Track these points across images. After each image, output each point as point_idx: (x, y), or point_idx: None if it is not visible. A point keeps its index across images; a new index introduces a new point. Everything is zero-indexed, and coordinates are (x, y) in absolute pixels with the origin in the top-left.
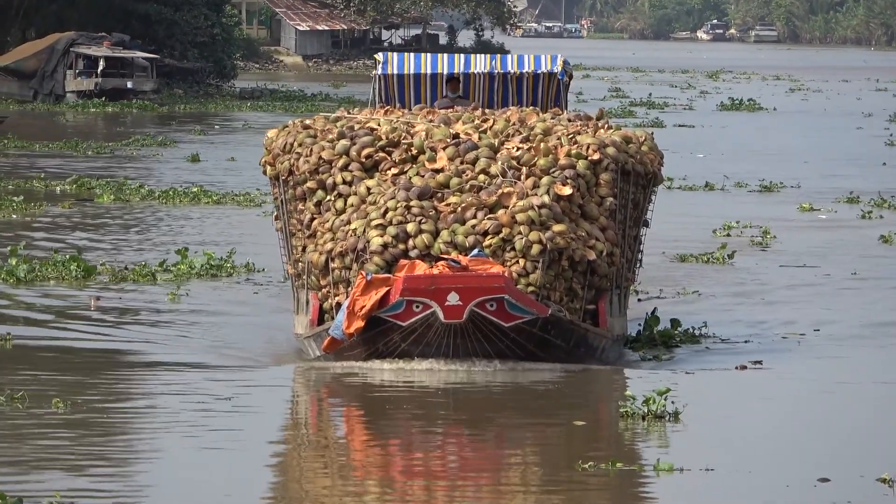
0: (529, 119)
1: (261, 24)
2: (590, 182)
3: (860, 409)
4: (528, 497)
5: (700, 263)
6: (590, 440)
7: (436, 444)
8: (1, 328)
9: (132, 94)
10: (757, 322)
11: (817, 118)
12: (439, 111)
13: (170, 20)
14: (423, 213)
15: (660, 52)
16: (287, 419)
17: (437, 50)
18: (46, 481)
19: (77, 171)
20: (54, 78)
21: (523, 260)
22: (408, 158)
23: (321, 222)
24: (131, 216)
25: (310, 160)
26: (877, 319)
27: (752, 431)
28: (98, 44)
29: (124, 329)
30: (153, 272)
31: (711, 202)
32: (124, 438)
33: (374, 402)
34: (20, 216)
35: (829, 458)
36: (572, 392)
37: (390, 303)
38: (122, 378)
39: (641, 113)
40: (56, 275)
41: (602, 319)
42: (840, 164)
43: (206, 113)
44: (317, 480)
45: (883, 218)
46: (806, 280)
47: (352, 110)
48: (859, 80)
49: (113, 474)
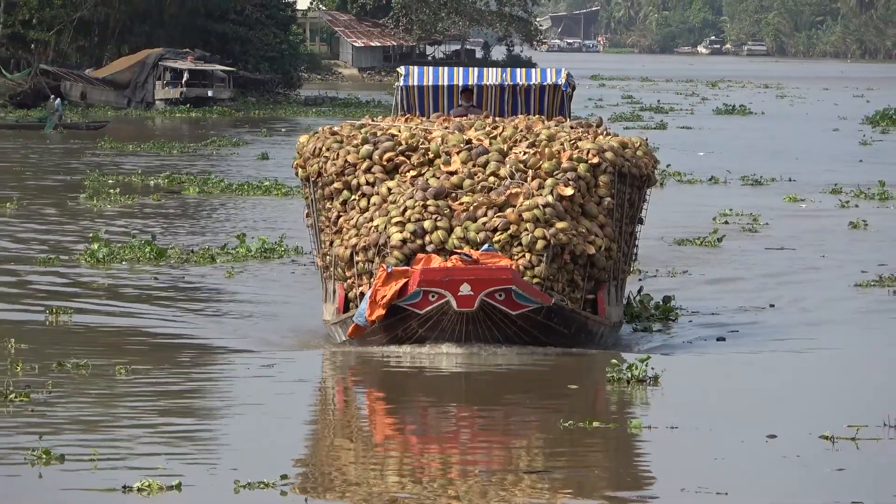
0: (535, 126)
1: (322, 41)
2: (590, 183)
3: (815, 374)
4: (514, 452)
5: (694, 246)
6: (578, 402)
7: (448, 419)
8: (69, 303)
9: (212, 101)
10: (736, 297)
11: (801, 121)
12: (454, 119)
13: (244, 38)
14: (438, 212)
15: (665, 65)
16: (316, 397)
17: (474, 63)
18: (102, 441)
19: (166, 168)
20: (145, 88)
21: (529, 254)
22: (425, 162)
23: (347, 219)
24: (209, 206)
25: (336, 163)
26: (837, 295)
27: (718, 395)
28: (183, 58)
29: (178, 307)
30: (213, 255)
31: (712, 194)
32: (172, 405)
33: (394, 382)
34: (116, 206)
35: (783, 417)
36: (571, 366)
37: (409, 293)
38: (178, 352)
39: (647, 117)
40: (131, 256)
41: (601, 308)
42: (823, 160)
43: (275, 118)
44: (342, 451)
45: (858, 207)
46: (781, 260)
47: (375, 118)
48: (837, 89)
49: (154, 439)
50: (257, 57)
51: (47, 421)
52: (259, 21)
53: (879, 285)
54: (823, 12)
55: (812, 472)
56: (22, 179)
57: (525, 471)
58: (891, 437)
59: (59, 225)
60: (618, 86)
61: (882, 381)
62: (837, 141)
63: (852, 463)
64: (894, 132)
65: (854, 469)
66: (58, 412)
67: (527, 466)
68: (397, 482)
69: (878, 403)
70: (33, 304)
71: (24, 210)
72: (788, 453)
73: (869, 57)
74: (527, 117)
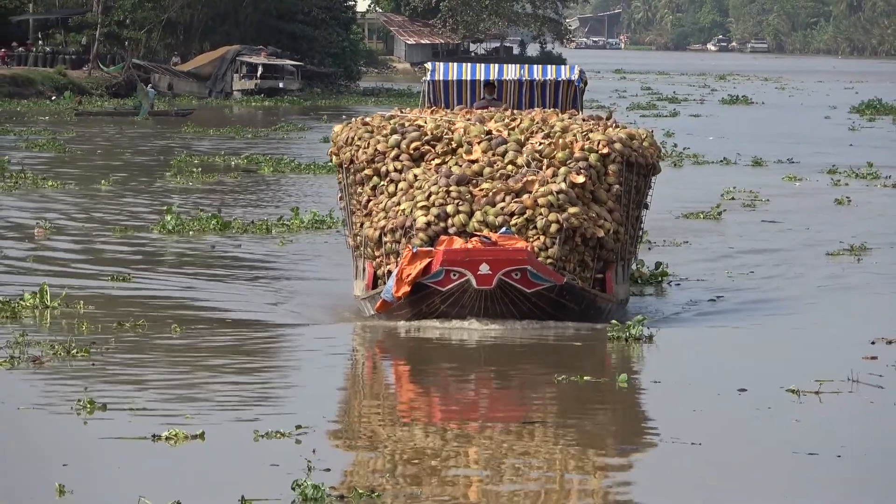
0: (550, 119)
1: (379, 39)
2: (600, 172)
3: (789, 333)
4: (513, 404)
5: (698, 220)
6: (577, 358)
7: (468, 386)
8: (135, 270)
9: (282, 92)
10: (725, 263)
11: (796, 110)
12: (476, 111)
13: (311, 36)
14: (460, 197)
15: (679, 60)
16: (347, 366)
17: (512, 59)
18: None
19: (242, 150)
20: (224, 80)
21: (543, 237)
22: (448, 151)
23: (376, 203)
24: (278, 184)
25: (367, 151)
26: (811, 262)
27: (702, 352)
28: (257, 54)
29: (228, 275)
30: (269, 226)
31: (723, 173)
32: (211, 365)
33: (418, 353)
34: (197, 183)
35: (756, 373)
36: (579, 337)
37: (432, 271)
38: (223, 318)
39: (661, 106)
40: (198, 227)
41: (609, 286)
42: (819, 144)
43: (338, 106)
44: (371, 414)
45: (848, 185)
46: (771, 232)
47: (403, 110)
48: (829, 82)
49: (191, 393)
50: (322, 53)
51: (100, 374)
52: (324, 21)
53: (850, 254)
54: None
55: (777, 423)
56: (117, 159)
57: (523, 421)
58: (850, 391)
59: (144, 199)
60: (637, 79)
61: (846, 339)
62: (829, 127)
63: (812, 415)
64: (881, 120)
65: (814, 420)
66: (110, 367)
67: (525, 417)
68: (405, 434)
69: (844, 359)
70: (104, 270)
71: (117, 186)
72: (762, 405)
73: (857, 53)
74: (542, 110)
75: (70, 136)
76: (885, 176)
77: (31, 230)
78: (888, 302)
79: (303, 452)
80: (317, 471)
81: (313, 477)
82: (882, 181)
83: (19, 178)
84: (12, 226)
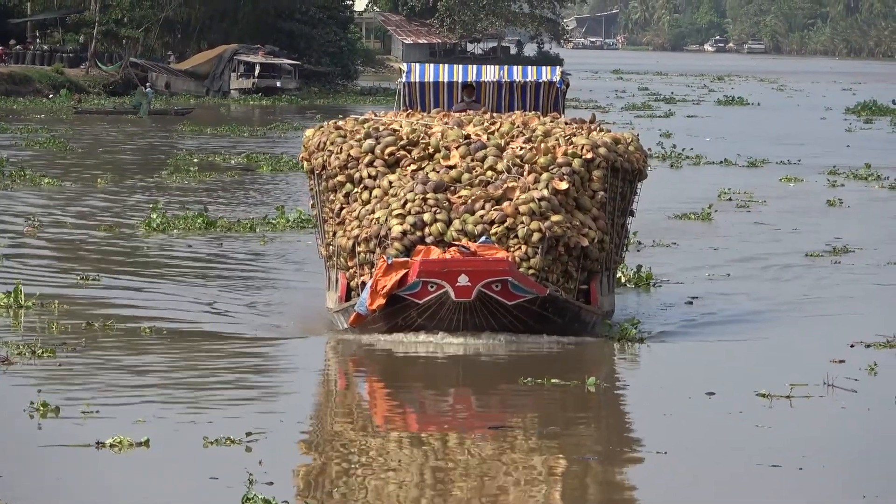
0: (531, 122)
1: (376, 39)
2: (584, 178)
3: (764, 336)
4: (482, 409)
5: (689, 221)
6: (553, 361)
7: (445, 401)
8: (115, 267)
9: (280, 91)
10: (708, 265)
11: (793, 111)
12: (454, 114)
13: (308, 35)
14: (437, 205)
15: (676, 61)
16: (320, 381)
17: (509, 59)
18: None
19: (241, 150)
20: (222, 79)
21: (525, 246)
22: (425, 156)
23: (349, 211)
24: (273, 182)
25: (340, 157)
26: (791, 262)
27: (675, 355)
28: (255, 53)
29: (208, 271)
30: (253, 224)
31: (722, 173)
32: (173, 372)
33: (393, 368)
34: (193, 181)
35: (730, 377)
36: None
37: (408, 283)
38: (194, 321)
39: (656, 106)
40: (183, 226)
41: (593, 298)
42: (817, 145)
43: (336, 106)
44: (345, 429)
45: (844, 186)
46: (759, 233)
47: (378, 113)
48: (826, 83)
49: (149, 397)
50: (320, 52)
51: (62, 376)
52: (321, 20)
53: (829, 255)
54: (814, 15)
55: (744, 429)
56: (116, 157)
57: (490, 426)
58: (821, 395)
59: (137, 197)
60: (635, 79)
61: (824, 342)
62: (826, 128)
63: (783, 420)
64: (878, 121)
65: (784, 426)
66: (74, 368)
67: (492, 422)
68: (360, 443)
69: (821, 363)
70: (83, 269)
71: (113, 185)
72: (734, 410)
73: (854, 55)
74: (523, 113)
75: (68, 133)
76: (884, 177)
77: (21, 228)
78: (865, 305)
79: (253, 459)
80: (259, 484)
81: (255, 489)
82: (880, 183)
83: (18, 175)
84: (3, 223)
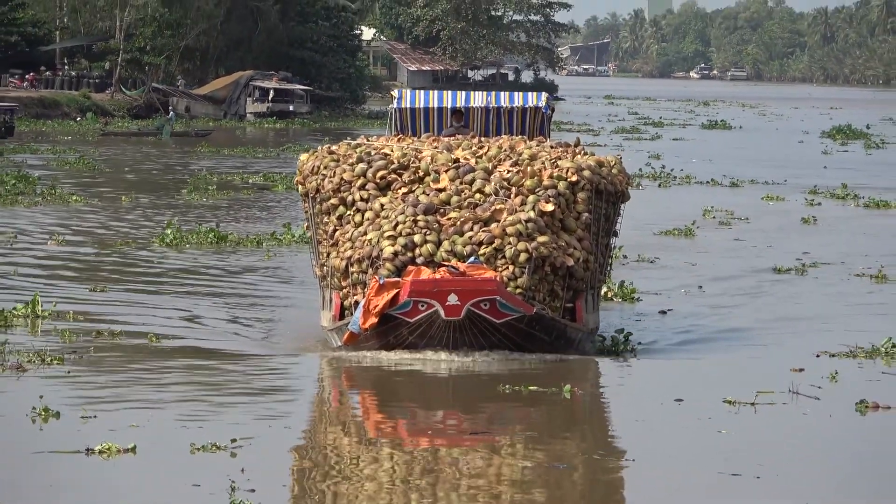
0: (518, 146)
1: (383, 66)
2: (569, 200)
3: (733, 346)
4: (454, 416)
5: (672, 237)
6: (536, 373)
7: (434, 417)
8: (126, 280)
9: (293, 114)
10: (684, 279)
11: (772, 134)
12: (443, 139)
13: (319, 63)
14: (427, 227)
15: (664, 87)
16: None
17: (507, 85)
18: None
19: (256, 169)
20: (238, 103)
21: (512, 266)
22: (415, 179)
23: (342, 233)
24: (287, 200)
25: (333, 180)
26: (760, 277)
27: (649, 364)
28: (269, 79)
29: (214, 284)
30: (259, 240)
31: (706, 192)
32: (173, 381)
33: (385, 384)
34: (211, 199)
35: (700, 385)
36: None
37: (400, 302)
38: (196, 336)
39: (644, 130)
40: (196, 241)
41: (579, 316)
42: (797, 167)
43: (345, 128)
44: (339, 441)
45: (821, 205)
46: (736, 249)
47: (370, 138)
48: (804, 108)
49: (150, 406)
50: (330, 78)
51: (69, 383)
52: (331, 49)
53: (798, 270)
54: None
55: (710, 437)
56: (139, 176)
57: (471, 432)
58: (784, 402)
59: (156, 214)
60: (625, 104)
61: (788, 352)
62: (804, 150)
63: (747, 426)
64: (853, 144)
65: (746, 432)
66: (82, 376)
67: (472, 428)
68: (343, 451)
69: (785, 372)
70: (95, 280)
71: (135, 202)
72: (703, 416)
73: (830, 81)
74: (510, 137)
75: (94, 154)
76: (860, 197)
77: (46, 242)
78: (831, 316)
79: (241, 466)
80: (242, 490)
81: (237, 496)
82: (856, 201)
83: (49, 193)
84: (29, 237)
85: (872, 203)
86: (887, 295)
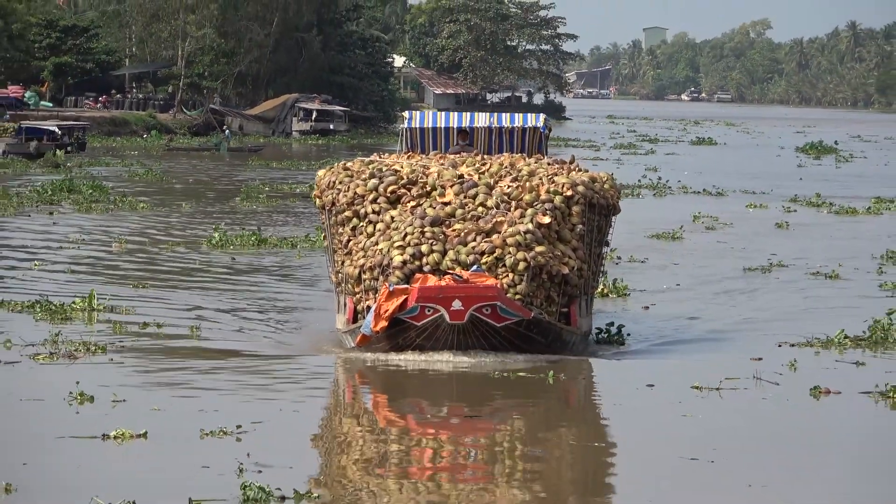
0: (518, 163)
1: (412, 89)
2: (564, 213)
3: (706, 335)
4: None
5: (661, 240)
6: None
7: (439, 412)
8: (172, 277)
9: (333, 132)
10: (666, 277)
11: (753, 149)
12: (449, 156)
13: (356, 87)
14: (434, 237)
15: (659, 108)
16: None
17: (521, 106)
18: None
19: (301, 181)
20: (285, 122)
21: (512, 274)
22: (423, 194)
23: (356, 243)
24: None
25: (347, 194)
26: (731, 275)
27: (631, 354)
28: (312, 101)
29: (246, 280)
30: (294, 242)
31: (696, 201)
32: (196, 375)
33: (395, 383)
34: (261, 206)
35: (671, 372)
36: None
37: (408, 307)
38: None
39: (640, 145)
40: (239, 243)
41: (573, 320)
42: (775, 178)
43: (378, 144)
44: (352, 433)
45: (796, 212)
46: (716, 249)
47: (382, 156)
48: (782, 127)
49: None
50: (365, 100)
51: (110, 371)
52: (367, 75)
53: (767, 269)
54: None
55: (678, 422)
56: (200, 185)
57: (465, 415)
58: (745, 388)
59: (211, 218)
60: (625, 123)
61: (752, 342)
62: (781, 163)
63: (711, 410)
64: (825, 158)
65: (711, 416)
66: (121, 365)
67: (467, 412)
68: (348, 438)
69: (747, 361)
70: (144, 277)
71: (195, 208)
72: (673, 401)
73: (805, 103)
74: (511, 155)
75: (159, 167)
76: (833, 205)
77: (111, 243)
78: (794, 309)
79: (247, 450)
80: (250, 472)
81: (245, 477)
82: (828, 208)
83: (120, 200)
84: (98, 239)
85: (842, 210)
86: (840, 291)
